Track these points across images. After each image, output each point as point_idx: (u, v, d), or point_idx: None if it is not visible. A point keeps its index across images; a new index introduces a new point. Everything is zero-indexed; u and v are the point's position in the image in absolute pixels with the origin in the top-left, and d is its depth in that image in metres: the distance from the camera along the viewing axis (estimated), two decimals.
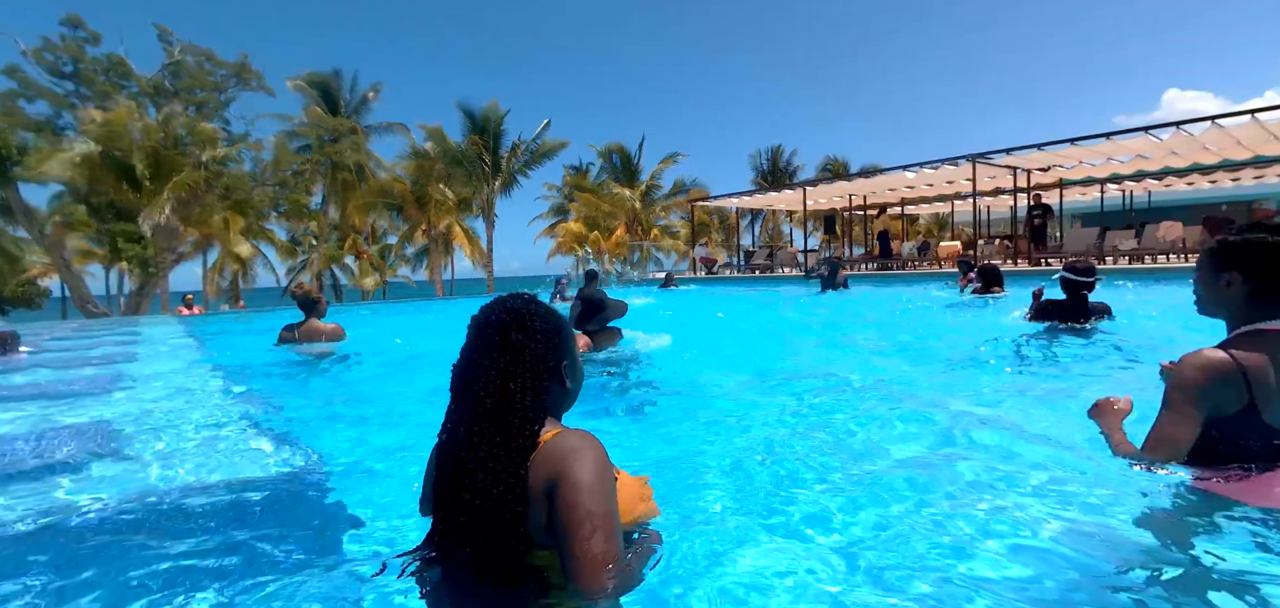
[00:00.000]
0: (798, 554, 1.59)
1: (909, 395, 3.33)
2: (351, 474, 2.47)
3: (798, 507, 1.89)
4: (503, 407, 1.28)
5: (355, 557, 1.70)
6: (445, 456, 1.33)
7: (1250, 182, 19.96)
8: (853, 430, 2.73)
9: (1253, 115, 12.63)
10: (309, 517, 2.14)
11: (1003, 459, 2.26)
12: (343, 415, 3.64)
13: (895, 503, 1.88)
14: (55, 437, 3.22)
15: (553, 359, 1.38)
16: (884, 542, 1.64)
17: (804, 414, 3.10)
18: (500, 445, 1.25)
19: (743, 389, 3.81)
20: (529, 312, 1.38)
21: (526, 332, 1.35)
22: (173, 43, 23.01)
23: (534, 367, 1.33)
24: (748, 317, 9.67)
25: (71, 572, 1.69)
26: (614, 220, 31.08)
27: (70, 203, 21.15)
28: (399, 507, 2.05)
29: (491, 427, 1.27)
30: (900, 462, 2.28)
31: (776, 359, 5.18)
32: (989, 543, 1.60)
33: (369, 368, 5.36)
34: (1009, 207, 20.71)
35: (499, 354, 1.32)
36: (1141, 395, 2.45)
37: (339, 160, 26.00)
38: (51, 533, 1.98)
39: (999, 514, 1.76)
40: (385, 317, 12.46)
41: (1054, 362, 4.22)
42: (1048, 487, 1.96)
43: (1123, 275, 11.60)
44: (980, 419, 2.72)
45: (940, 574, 1.47)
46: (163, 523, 2.04)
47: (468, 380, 1.34)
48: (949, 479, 2.04)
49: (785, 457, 2.37)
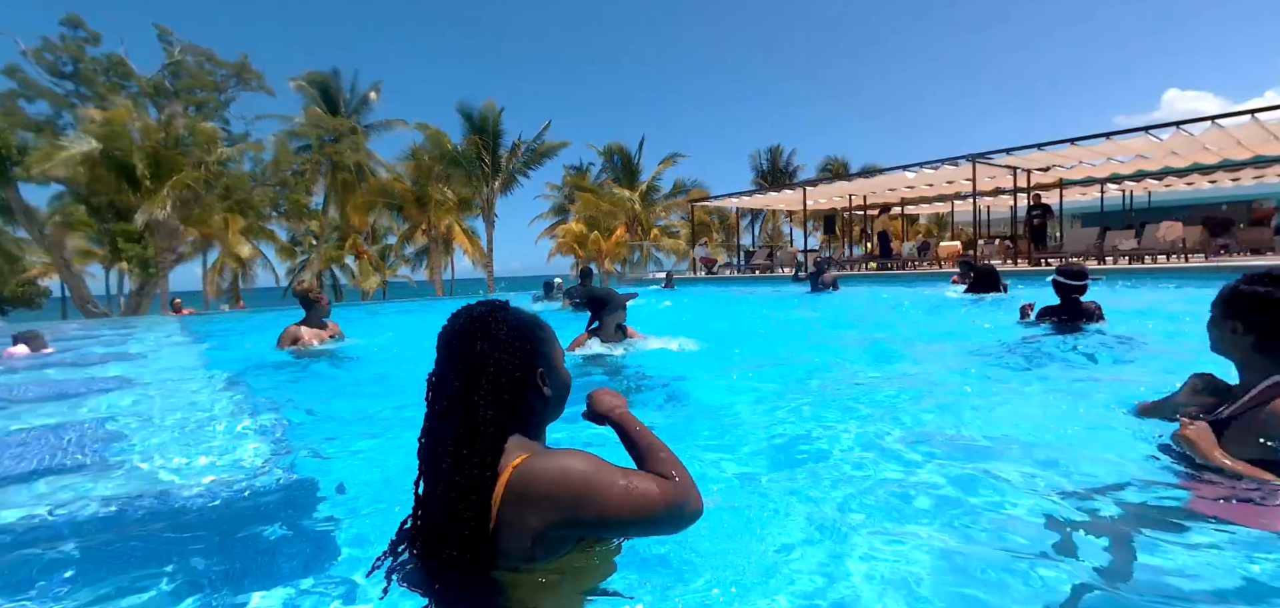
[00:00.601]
0: (813, 557, 1.59)
1: (911, 395, 3.34)
2: (351, 474, 2.47)
3: (799, 506, 1.89)
4: (466, 420, 1.23)
5: (355, 556, 1.70)
6: (419, 466, 1.30)
7: (1250, 181, 19.96)
8: (849, 427, 2.73)
9: (1253, 115, 12.63)
10: (307, 516, 2.14)
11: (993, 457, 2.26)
12: (342, 414, 3.64)
13: (897, 501, 1.89)
14: (54, 436, 3.23)
15: (524, 368, 1.31)
16: (888, 539, 1.64)
17: (805, 413, 3.11)
18: (465, 460, 1.20)
19: (743, 389, 3.82)
20: (495, 319, 1.31)
21: (491, 340, 1.28)
22: (173, 43, 22.99)
23: (499, 377, 1.26)
24: (747, 317, 9.67)
25: (71, 571, 1.69)
26: (614, 221, 31.08)
27: (70, 203, 21.15)
28: (399, 505, 2.06)
29: (455, 442, 1.22)
30: (898, 459, 2.28)
31: (780, 358, 5.18)
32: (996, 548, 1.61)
33: (370, 367, 5.37)
34: (1009, 207, 20.70)
35: (461, 364, 1.27)
36: (1137, 395, 2.45)
37: (339, 160, 25.99)
38: (50, 534, 1.98)
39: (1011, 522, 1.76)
40: (386, 317, 12.46)
41: (1041, 363, 4.22)
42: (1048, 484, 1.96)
43: (1121, 275, 11.61)
44: (962, 418, 2.72)
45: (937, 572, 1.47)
46: (163, 522, 2.04)
47: (434, 392, 1.30)
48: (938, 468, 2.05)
49: (786, 457, 2.37)
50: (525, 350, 1.32)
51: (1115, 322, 4.94)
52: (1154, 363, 3.94)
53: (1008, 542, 1.64)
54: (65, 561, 1.77)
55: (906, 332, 6.57)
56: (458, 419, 1.24)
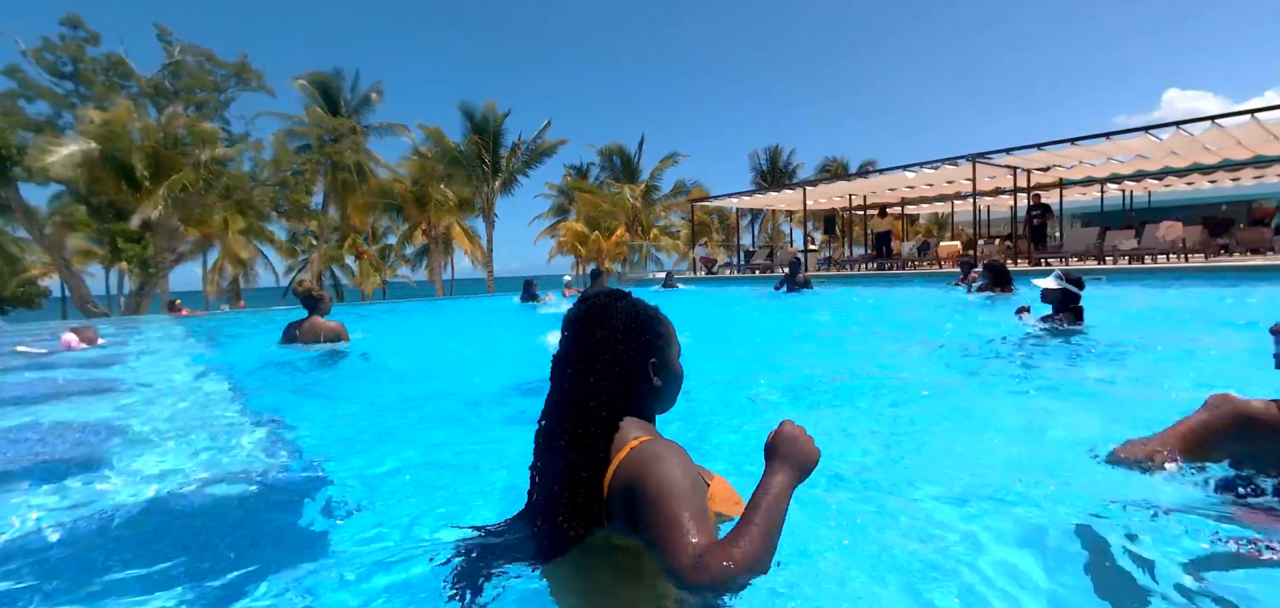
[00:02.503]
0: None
1: (908, 395, 3.34)
2: (351, 472, 2.47)
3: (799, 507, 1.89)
4: (583, 400, 1.30)
5: (355, 555, 1.70)
6: (536, 442, 1.38)
7: (1250, 181, 19.95)
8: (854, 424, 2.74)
9: (1253, 115, 12.62)
10: (308, 515, 2.14)
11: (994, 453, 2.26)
12: (344, 414, 3.64)
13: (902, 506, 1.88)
14: (52, 436, 3.23)
15: (637, 357, 1.36)
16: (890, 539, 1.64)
17: (806, 410, 3.11)
18: (581, 439, 1.27)
19: (743, 387, 3.81)
20: (615, 308, 1.38)
21: (608, 327, 1.35)
22: (173, 43, 22.98)
23: (613, 364, 1.33)
24: (746, 316, 9.68)
25: (70, 571, 1.69)
26: (614, 220, 31.08)
27: (70, 203, 21.15)
28: (400, 504, 2.06)
29: (572, 420, 1.29)
30: (903, 463, 2.28)
31: (782, 359, 5.18)
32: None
33: (371, 367, 5.37)
34: (1009, 207, 20.70)
35: (580, 348, 1.35)
36: (1131, 392, 2.45)
37: (339, 160, 25.99)
38: (50, 531, 1.98)
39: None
40: (388, 317, 12.46)
41: (1033, 360, 4.23)
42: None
43: (1121, 275, 11.61)
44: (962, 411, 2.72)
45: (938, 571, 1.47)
46: (163, 522, 2.04)
47: (555, 372, 1.38)
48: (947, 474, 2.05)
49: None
50: (640, 341, 1.38)
51: (1113, 322, 4.96)
52: (1140, 360, 3.97)
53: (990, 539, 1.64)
54: (65, 561, 1.77)
55: (904, 332, 6.57)
56: (576, 399, 1.31)
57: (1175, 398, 2.82)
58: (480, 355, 6.71)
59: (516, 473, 2.31)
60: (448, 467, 2.54)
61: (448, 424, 3.32)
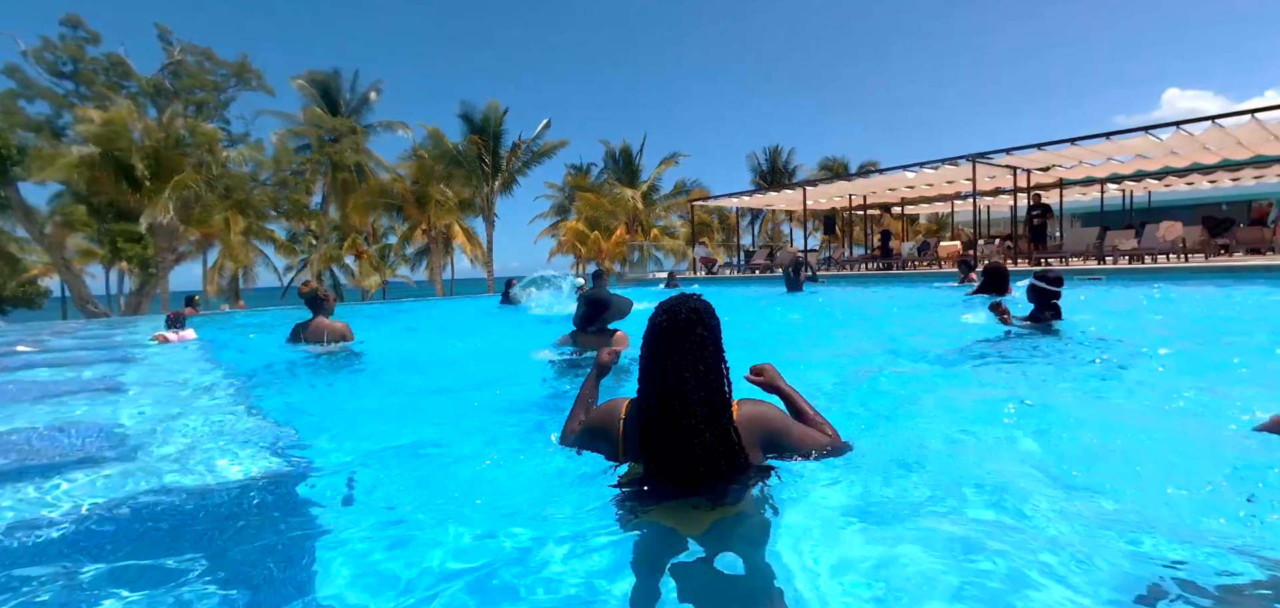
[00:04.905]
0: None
1: (911, 393, 3.35)
2: (352, 472, 2.48)
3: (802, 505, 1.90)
4: (714, 381, 1.79)
5: (356, 555, 1.71)
6: (660, 417, 1.77)
7: (1250, 181, 19.97)
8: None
9: (1253, 115, 12.63)
10: (313, 514, 2.14)
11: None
12: (346, 413, 3.64)
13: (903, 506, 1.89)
14: (52, 436, 3.23)
15: (722, 347, 1.87)
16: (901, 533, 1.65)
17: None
18: (717, 408, 1.77)
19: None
20: (708, 310, 1.86)
21: (707, 327, 1.83)
22: (172, 43, 22.98)
23: (717, 351, 1.83)
24: (744, 317, 9.68)
25: (69, 570, 1.69)
26: (615, 220, 31.07)
27: (70, 203, 21.11)
28: (399, 505, 2.06)
29: (709, 393, 1.76)
30: (903, 461, 2.29)
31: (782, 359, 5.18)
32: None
33: (373, 366, 5.37)
34: (1009, 207, 20.69)
35: (696, 344, 1.78)
36: (1126, 392, 2.45)
37: (339, 160, 25.98)
38: (49, 533, 1.98)
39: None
40: (388, 317, 12.46)
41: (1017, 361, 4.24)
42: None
43: (1121, 275, 11.61)
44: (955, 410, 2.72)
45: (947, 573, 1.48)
46: (163, 522, 2.05)
47: (674, 360, 1.77)
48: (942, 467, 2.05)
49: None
50: (719, 335, 1.88)
51: (1115, 322, 4.97)
52: (1119, 352, 4.01)
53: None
54: (65, 561, 1.77)
55: (890, 330, 6.57)
56: (708, 382, 1.78)
57: (1162, 389, 2.83)
58: (484, 354, 6.71)
59: (524, 467, 2.32)
60: (450, 466, 2.55)
61: (451, 422, 3.33)
